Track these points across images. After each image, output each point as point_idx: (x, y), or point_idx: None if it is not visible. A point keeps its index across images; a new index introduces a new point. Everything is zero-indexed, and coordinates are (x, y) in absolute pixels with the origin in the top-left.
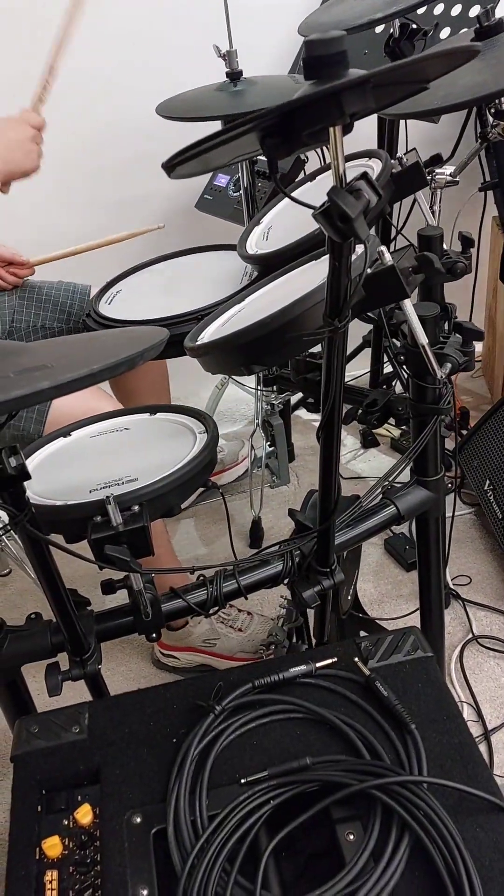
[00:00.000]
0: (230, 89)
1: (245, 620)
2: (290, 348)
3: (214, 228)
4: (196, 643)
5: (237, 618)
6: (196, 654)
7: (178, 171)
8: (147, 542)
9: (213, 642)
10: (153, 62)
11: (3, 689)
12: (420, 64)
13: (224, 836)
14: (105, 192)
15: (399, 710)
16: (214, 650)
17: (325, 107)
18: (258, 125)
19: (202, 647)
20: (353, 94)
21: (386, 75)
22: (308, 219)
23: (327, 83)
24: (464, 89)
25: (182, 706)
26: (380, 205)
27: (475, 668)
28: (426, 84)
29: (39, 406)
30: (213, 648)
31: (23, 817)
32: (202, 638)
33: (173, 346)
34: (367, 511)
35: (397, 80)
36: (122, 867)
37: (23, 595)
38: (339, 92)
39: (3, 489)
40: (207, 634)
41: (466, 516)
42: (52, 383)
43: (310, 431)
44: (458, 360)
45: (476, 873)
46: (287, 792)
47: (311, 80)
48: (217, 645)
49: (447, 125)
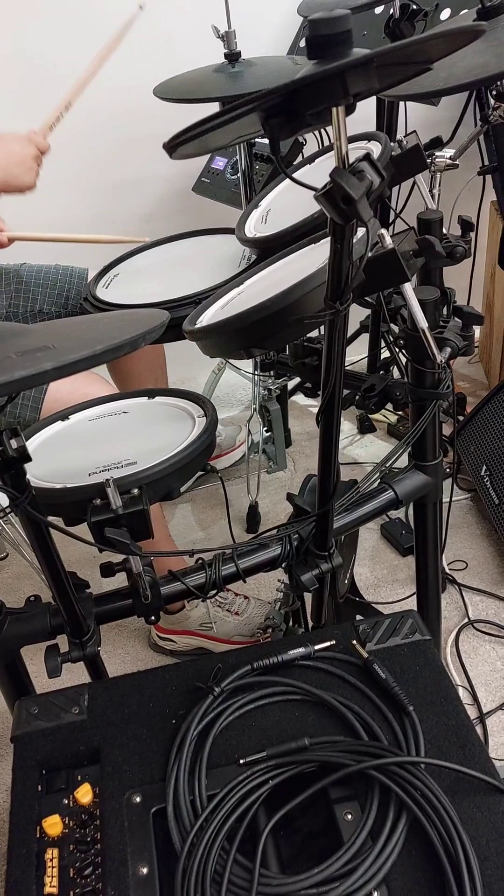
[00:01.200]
0: (228, 70)
1: (242, 604)
2: (291, 332)
3: (212, 212)
4: (193, 626)
5: (234, 602)
6: (193, 637)
7: (180, 151)
8: (146, 525)
9: (209, 626)
10: (151, 43)
11: (3, 671)
12: (425, 43)
13: (223, 816)
14: (102, 174)
15: (397, 692)
16: (211, 633)
17: (329, 87)
18: (262, 105)
19: (199, 631)
20: (357, 74)
21: (390, 55)
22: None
23: (332, 63)
24: (465, 71)
25: (181, 688)
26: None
27: (471, 651)
28: (430, 64)
29: (35, 393)
30: (210, 632)
31: (23, 796)
32: (199, 621)
33: (171, 330)
34: (365, 495)
35: (401, 60)
36: (123, 845)
37: (20, 579)
38: (343, 72)
39: (3, 471)
40: (204, 618)
41: (463, 502)
42: (55, 364)
43: (307, 417)
44: (457, 345)
45: (473, 852)
46: (285, 772)
47: (315, 60)
48: (214, 628)
49: (447, 108)
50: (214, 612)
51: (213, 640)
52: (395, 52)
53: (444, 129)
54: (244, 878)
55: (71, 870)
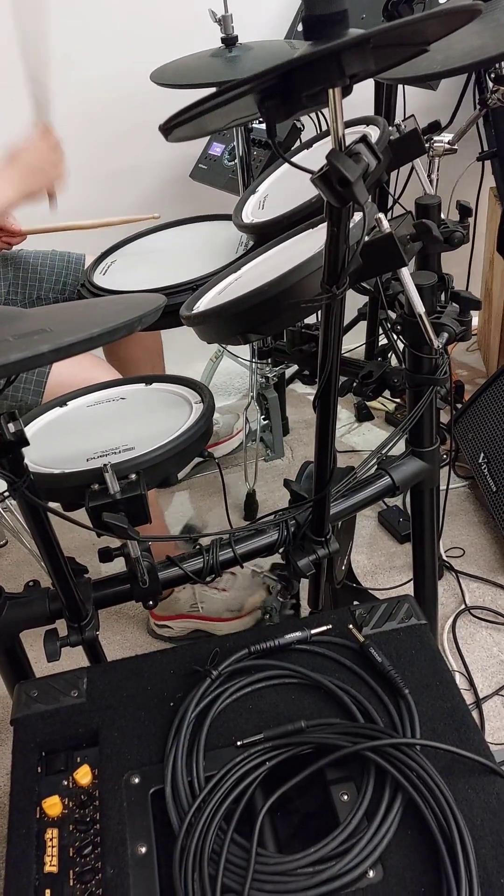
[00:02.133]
0: (226, 55)
1: (228, 580)
2: (287, 316)
3: (210, 198)
4: (184, 609)
5: (219, 579)
6: (187, 620)
7: (175, 133)
8: (144, 510)
9: (198, 606)
10: (147, 28)
11: (3, 655)
12: (420, 24)
13: (221, 796)
14: (99, 161)
15: (393, 675)
16: (201, 613)
17: (325, 67)
18: (257, 86)
19: (190, 613)
20: (353, 55)
21: (386, 35)
22: (304, 187)
23: (327, 43)
24: (463, 53)
25: (179, 671)
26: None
27: (467, 638)
28: (426, 46)
29: (38, 377)
30: (200, 612)
31: (23, 778)
32: (188, 603)
33: (169, 317)
34: (362, 481)
35: (397, 41)
36: (122, 825)
37: (19, 566)
38: (339, 52)
39: (1, 455)
40: (192, 599)
41: (460, 489)
42: (52, 346)
43: (304, 405)
44: (454, 330)
45: (468, 832)
46: (282, 754)
47: (311, 41)
48: (202, 608)
49: (445, 92)
50: (201, 592)
51: (204, 620)
52: (390, 32)
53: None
54: (241, 857)
55: (70, 849)
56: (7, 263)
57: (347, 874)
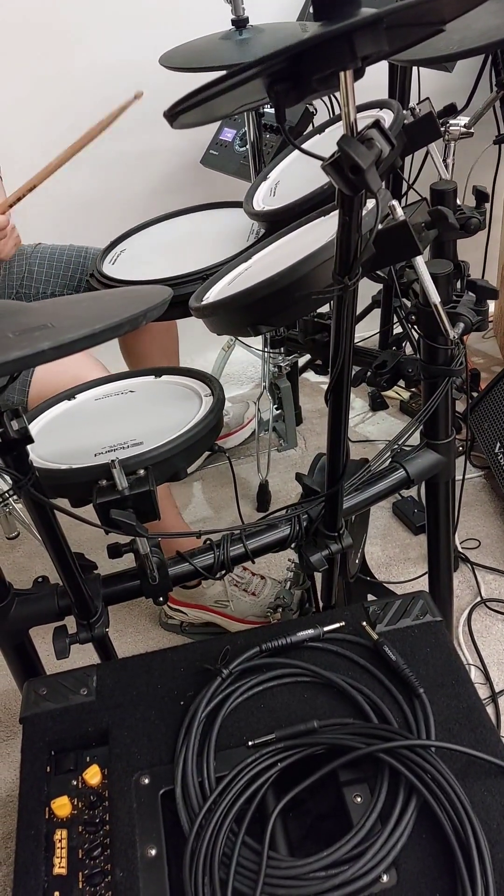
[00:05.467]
0: (236, 38)
1: (259, 584)
2: (299, 307)
3: (220, 185)
4: (208, 602)
5: (251, 581)
6: (205, 612)
7: (181, 119)
8: (153, 507)
9: (225, 604)
10: (156, 10)
11: (12, 652)
12: (436, 2)
13: (232, 798)
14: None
15: (407, 674)
16: (225, 611)
17: (336, 49)
18: (265, 69)
19: (213, 608)
20: (365, 35)
21: (400, 15)
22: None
23: (338, 23)
24: (479, 33)
25: (189, 669)
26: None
27: (483, 630)
28: (442, 26)
29: (22, 375)
30: (225, 610)
31: (32, 778)
32: (215, 598)
33: (178, 307)
34: (376, 474)
35: (412, 21)
36: (131, 827)
37: (31, 558)
38: (350, 32)
39: (5, 453)
40: (220, 596)
41: (476, 479)
42: (53, 343)
43: (318, 394)
44: (471, 320)
45: (483, 836)
46: (294, 755)
47: (321, 21)
48: (229, 607)
49: (462, 74)
50: (231, 591)
51: (226, 618)
52: (405, 11)
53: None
54: (253, 860)
55: (80, 851)
56: (23, 258)
57: (361, 878)
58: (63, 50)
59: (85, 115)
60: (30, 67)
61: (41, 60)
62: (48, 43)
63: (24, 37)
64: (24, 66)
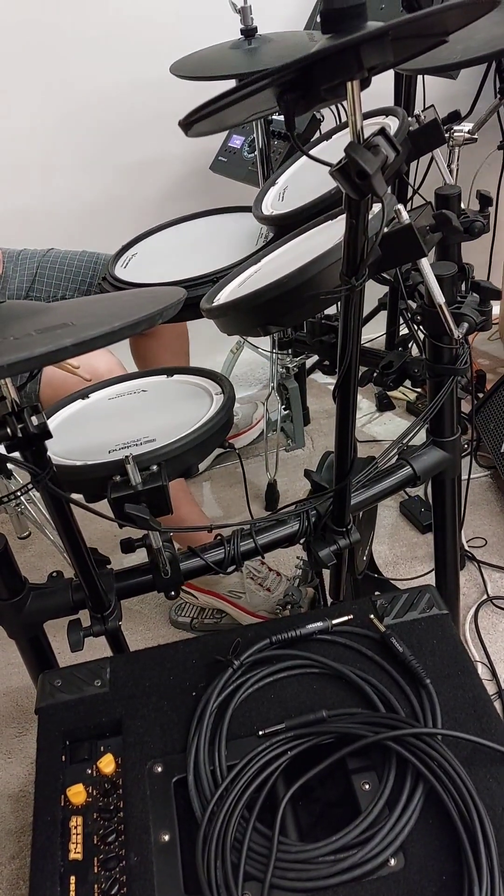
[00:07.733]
0: (245, 47)
1: (274, 581)
2: (307, 308)
3: (229, 190)
4: (222, 591)
5: (267, 576)
6: (217, 599)
7: (196, 128)
8: (166, 501)
9: (239, 594)
10: (166, 20)
11: (27, 645)
12: (441, 15)
13: (243, 785)
14: (118, 153)
15: (414, 665)
16: (238, 602)
17: (344, 61)
18: (275, 80)
19: (227, 596)
20: (371, 48)
21: (405, 27)
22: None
23: (346, 36)
24: (483, 42)
25: (201, 661)
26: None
27: (489, 628)
28: (446, 36)
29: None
30: (238, 601)
31: (48, 767)
32: (229, 588)
33: (189, 309)
34: (382, 471)
35: (416, 33)
36: (145, 813)
37: (42, 557)
38: (357, 45)
39: (25, 448)
40: (236, 587)
41: (482, 479)
42: (75, 340)
43: (325, 395)
44: (475, 320)
45: (489, 822)
46: (304, 743)
47: (329, 34)
48: (242, 598)
49: (465, 81)
50: (247, 584)
51: (237, 608)
52: (410, 24)
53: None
54: (264, 845)
55: (95, 837)
56: (34, 262)
57: (369, 862)
58: (75, 56)
59: (96, 122)
60: (41, 76)
61: (52, 70)
62: (59, 52)
63: (32, 42)
64: (34, 75)
